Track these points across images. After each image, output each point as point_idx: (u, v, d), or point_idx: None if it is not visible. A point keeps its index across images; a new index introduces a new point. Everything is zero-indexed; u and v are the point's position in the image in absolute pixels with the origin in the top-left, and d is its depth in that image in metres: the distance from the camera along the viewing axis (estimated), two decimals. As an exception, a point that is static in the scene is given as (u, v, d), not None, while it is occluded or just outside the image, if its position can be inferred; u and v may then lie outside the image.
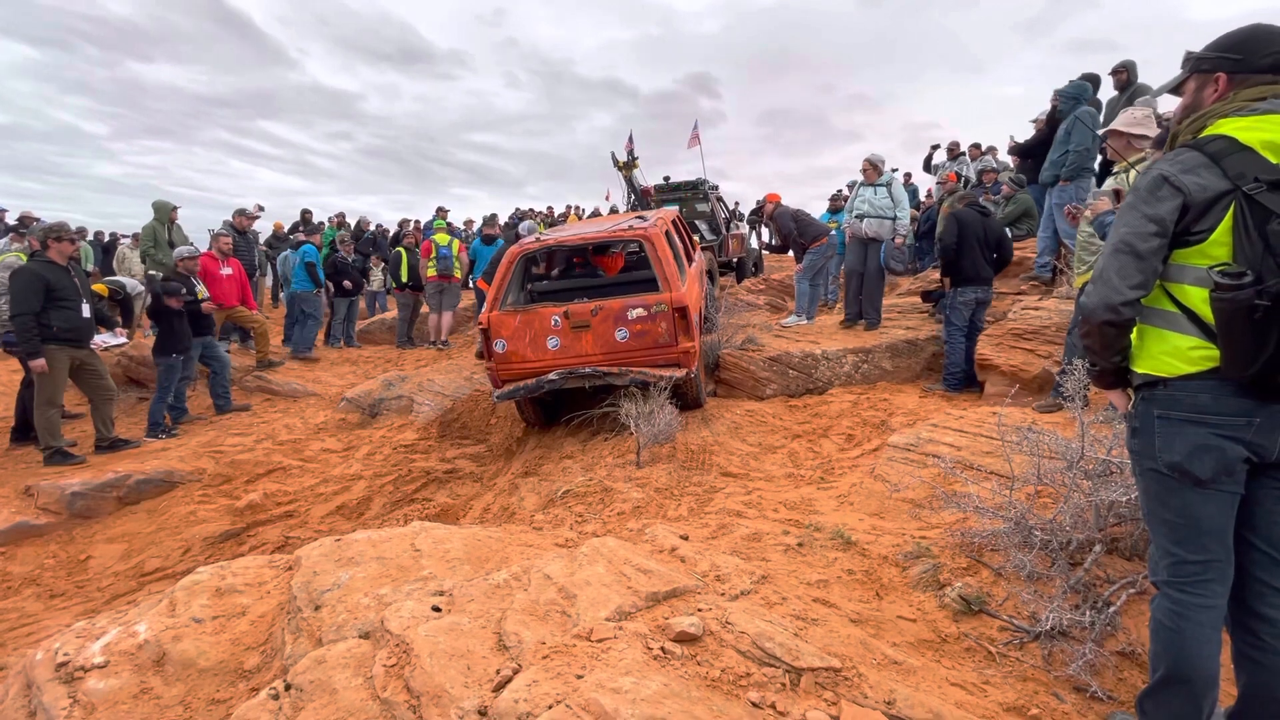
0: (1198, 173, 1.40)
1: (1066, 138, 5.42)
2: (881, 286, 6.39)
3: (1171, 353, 1.47)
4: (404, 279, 9.37)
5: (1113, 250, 1.50)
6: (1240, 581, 1.48)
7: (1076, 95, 5.60)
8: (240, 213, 8.70)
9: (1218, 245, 1.39)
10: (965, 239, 5.01)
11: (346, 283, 9.21)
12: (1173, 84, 1.63)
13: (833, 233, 7.49)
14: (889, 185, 6.09)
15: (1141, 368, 1.52)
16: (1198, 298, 1.42)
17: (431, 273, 8.97)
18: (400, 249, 9.56)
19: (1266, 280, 1.29)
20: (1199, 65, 1.55)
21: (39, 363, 4.83)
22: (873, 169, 6.14)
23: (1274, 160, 1.36)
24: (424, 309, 9.72)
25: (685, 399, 4.92)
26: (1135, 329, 1.55)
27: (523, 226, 8.78)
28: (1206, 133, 1.46)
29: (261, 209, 10.12)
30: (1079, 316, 1.61)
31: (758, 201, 11.18)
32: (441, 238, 9.12)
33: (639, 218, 5.34)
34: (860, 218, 6.17)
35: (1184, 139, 1.52)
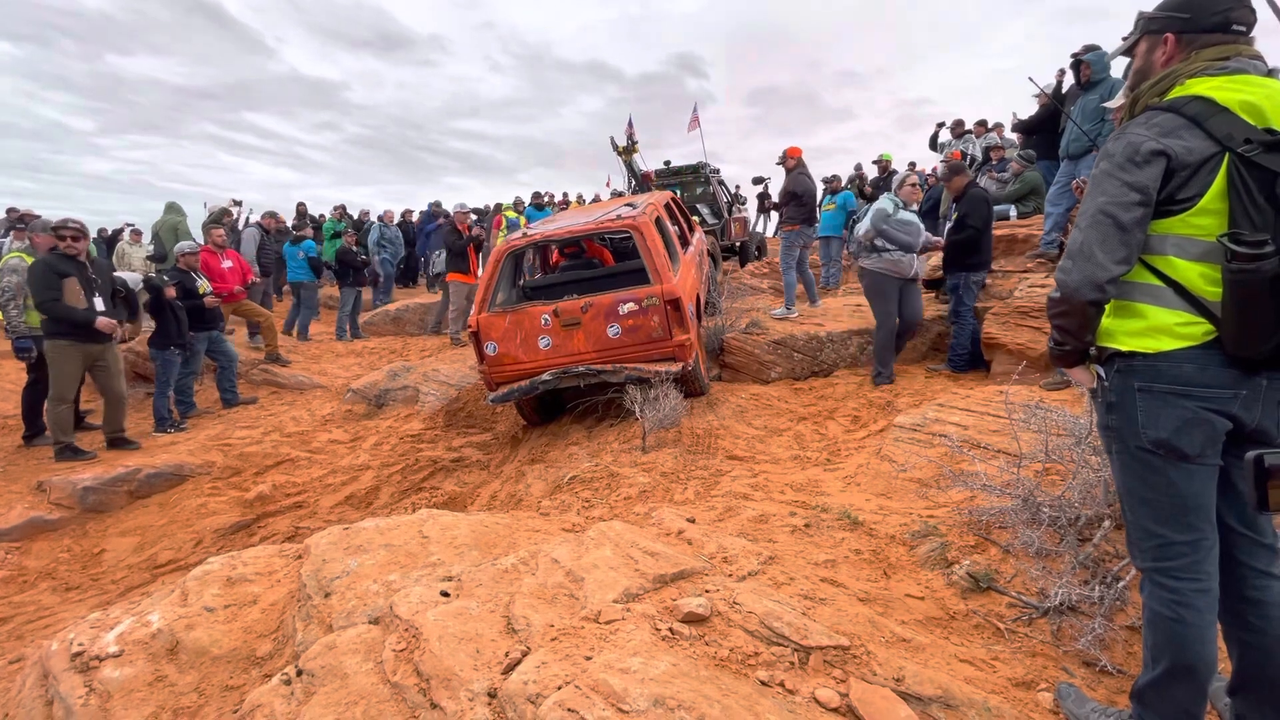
0: (1179, 135, 1.30)
1: (1101, 108, 5.22)
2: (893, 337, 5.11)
3: (1158, 329, 1.37)
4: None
5: (1091, 222, 1.38)
6: (1222, 565, 1.42)
7: (1107, 66, 5.39)
8: (269, 214, 8.95)
9: (1205, 213, 1.30)
10: (989, 220, 4.97)
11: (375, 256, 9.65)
12: (1126, 46, 1.54)
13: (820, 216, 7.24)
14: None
15: (1125, 346, 1.41)
16: (1189, 270, 1.33)
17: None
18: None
19: None
20: (1149, 26, 1.46)
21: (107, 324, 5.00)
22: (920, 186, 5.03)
23: (1253, 122, 1.28)
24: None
25: (688, 388, 4.89)
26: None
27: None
28: (1175, 94, 1.37)
29: (238, 203, 10.26)
30: (1055, 294, 1.46)
31: (763, 177, 10.90)
32: (510, 214, 9.94)
33: (628, 205, 5.17)
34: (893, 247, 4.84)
35: (1150, 101, 1.41)
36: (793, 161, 6.79)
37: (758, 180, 11.38)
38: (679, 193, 9.64)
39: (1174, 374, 1.35)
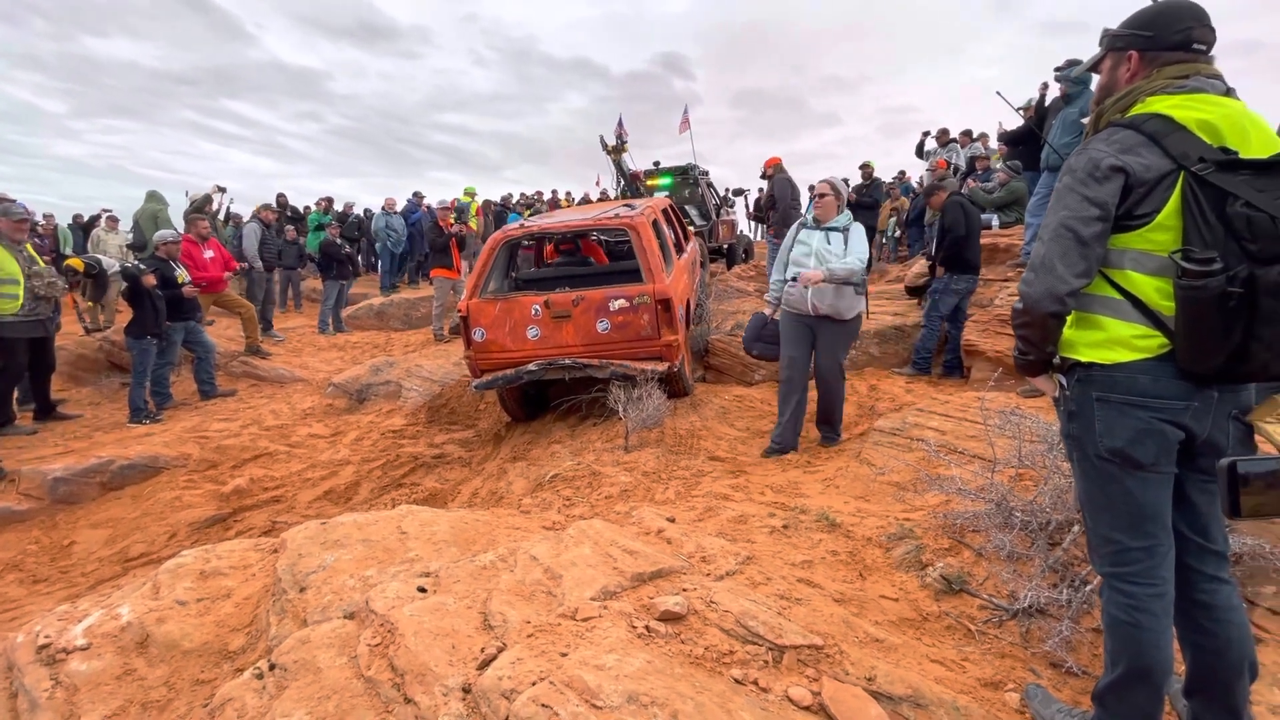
0: (1138, 152, 1.33)
1: (1080, 122, 5.31)
2: (842, 388, 3.96)
3: (1116, 341, 1.40)
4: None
5: (1053, 235, 1.40)
6: (1175, 570, 1.46)
7: (1085, 80, 5.50)
8: (266, 207, 8.86)
9: (1162, 229, 1.33)
10: (971, 227, 5.03)
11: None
12: (1093, 63, 1.58)
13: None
14: (846, 231, 3.70)
15: (1084, 356, 1.44)
16: (1145, 284, 1.36)
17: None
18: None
19: (1231, 265, 1.21)
20: (1114, 43, 1.49)
21: None
22: (833, 194, 3.73)
23: (1209, 140, 1.31)
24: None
25: (672, 388, 4.91)
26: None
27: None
28: (1136, 110, 1.40)
29: (222, 189, 10.10)
30: (1019, 305, 1.49)
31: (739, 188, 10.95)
32: (465, 197, 10.09)
33: (627, 205, 5.24)
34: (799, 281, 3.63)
35: (1112, 117, 1.45)
36: (772, 170, 6.97)
37: (738, 192, 11.43)
38: (669, 193, 9.66)
39: (1129, 385, 1.38)
